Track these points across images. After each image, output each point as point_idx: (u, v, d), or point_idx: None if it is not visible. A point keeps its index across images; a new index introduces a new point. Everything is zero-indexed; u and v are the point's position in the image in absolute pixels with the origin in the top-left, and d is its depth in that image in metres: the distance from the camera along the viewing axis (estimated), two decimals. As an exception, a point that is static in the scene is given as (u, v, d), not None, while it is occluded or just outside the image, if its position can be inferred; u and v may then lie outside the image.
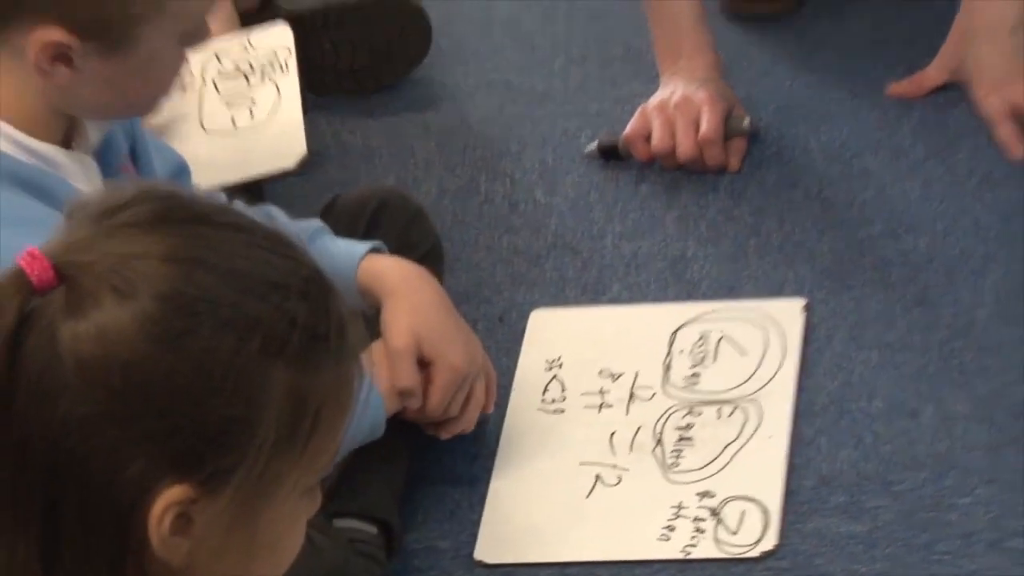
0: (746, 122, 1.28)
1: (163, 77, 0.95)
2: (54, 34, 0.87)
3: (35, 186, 0.90)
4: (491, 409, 1.07)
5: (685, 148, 1.22)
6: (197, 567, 0.62)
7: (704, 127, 1.25)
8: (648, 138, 1.25)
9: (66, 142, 0.94)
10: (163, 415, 0.59)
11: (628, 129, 1.28)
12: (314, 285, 0.63)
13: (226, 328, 0.60)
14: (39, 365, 0.58)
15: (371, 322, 1.02)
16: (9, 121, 0.92)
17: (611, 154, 1.27)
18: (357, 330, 0.65)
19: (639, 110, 1.30)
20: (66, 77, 0.90)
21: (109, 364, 0.58)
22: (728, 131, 1.24)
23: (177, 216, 0.62)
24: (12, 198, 0.89)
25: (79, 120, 0.97)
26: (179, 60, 0.96)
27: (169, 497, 0.57)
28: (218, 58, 1.36)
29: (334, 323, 0.63)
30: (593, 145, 1.32)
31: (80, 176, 0.92)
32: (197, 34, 0.95)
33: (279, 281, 0.62)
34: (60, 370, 0.58)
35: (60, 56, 0.88)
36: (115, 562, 0.60)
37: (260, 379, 0.60)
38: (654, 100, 1.30)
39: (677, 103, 1.28)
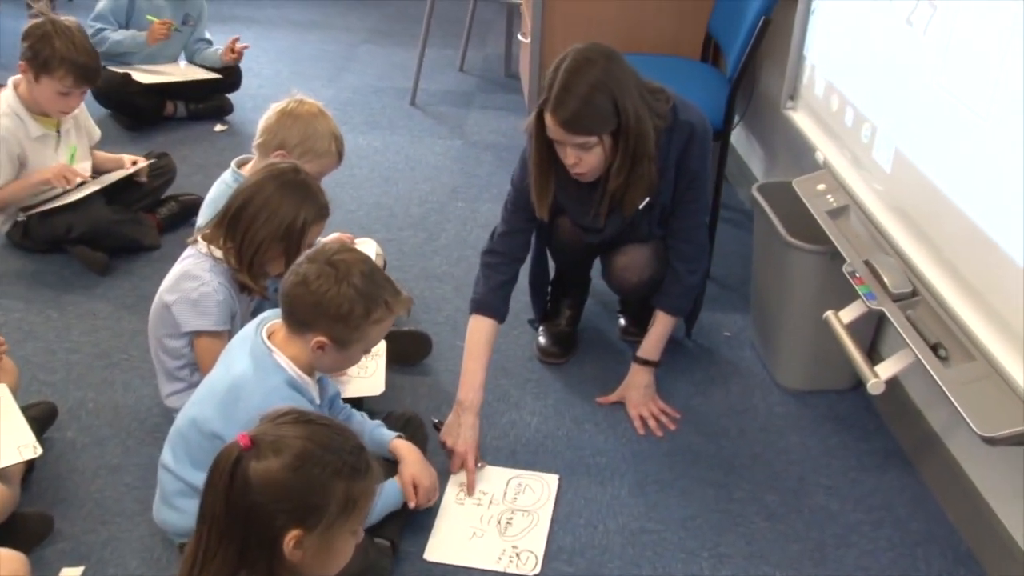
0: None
1: (354, 359, 1.95)
2: (323, 339, 1.83)
3: (296, 387, 1.86)
4: (432, 502, 2.15)
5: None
6: (304, 565, 1.40)
7: (460, 446, 2.31)
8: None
9: (311, 374, 1.93)
10: (290, 502, 1.35)
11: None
12: (357, 448, 1.42)
13: (318, 466, 1.37)
14: (241, 478, 1.35)
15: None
16: (294, 361, 1.87)
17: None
18: (378, 465, 1.48)
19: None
20: (320, 356, 1.87)
21: (268, 482, 1.35)
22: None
23: (303, 420, 1.43)
24: (288, 391, 1.84)
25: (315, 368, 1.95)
26: (360, 356, 1.95)
27: (292, 534, 1.36)
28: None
29: (366, 465, 1.42)
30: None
31: (313, 388, 1.92)
32: (372, 347, 1.96)
33: (343, 447, 1.40)
34: (248, 482, 1.34)
35: (321, 347, 1.84)
36: (269, 561, 1.37)
37: (331, 487, 1.38)
38: (451, 418, 2.36)
39: (451, 421, 2.35)
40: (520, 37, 4.04)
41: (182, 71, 4.14)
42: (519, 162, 2.45)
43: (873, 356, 2.53)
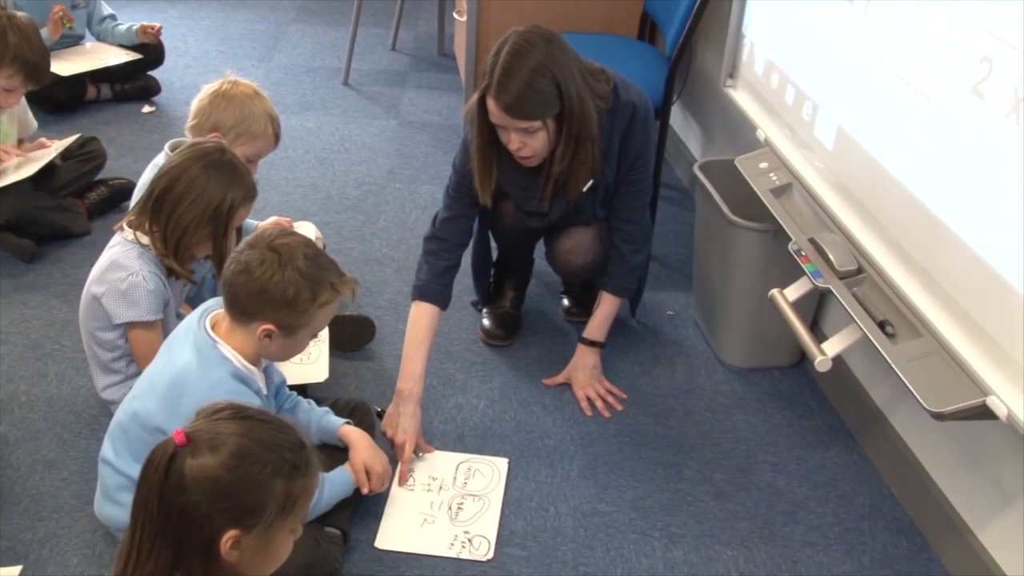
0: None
1: (301, 345, 1.88)
2: (269, 327, 1.78)
3: (242, 379, 1.82)
4: (385, 487, 2.12)
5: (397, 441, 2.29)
6: (242, 565, 1.35)
7: (399, 436, 2.27)
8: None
9: (256, 364, 1.89)
10: (227, 502, 1.29)
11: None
12: (297, 445, 1.36)
13: (257, 464, 1.31)
14: (175, 477, 1.28)
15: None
16: (239, 351, 1.82)
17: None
18: (318, 461, 1.40)
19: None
20: (267, 344, 1.84)
21: (205, 480, 1.29)
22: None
23: (241, 415, 1.36)
24: (234, 383, 1.81)
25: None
26: (307, 341, 1.88)
27: (230, 534, 1.30)
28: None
29: (306, 462, 1.36)
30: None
31: (260, 378, 1.89)
32: (318, 331, 1.90)
33: (283, 444, 1.34)
34: (184, 481, 1.29)
35: (268, 335, 1.79)
36: (205, 562, 1.31)
37: (270, 486, 1.32)
38: (391, 407, 2.31)
39: (392, 410, 2.30)
40: (455, 16, 3.99)
41: (100, 56, 3.98)
42: (460, 146, 2.41)
43: (815, 333, 2.55)
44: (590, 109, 2.21)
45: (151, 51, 4.10)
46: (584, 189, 2.35)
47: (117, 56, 3.99)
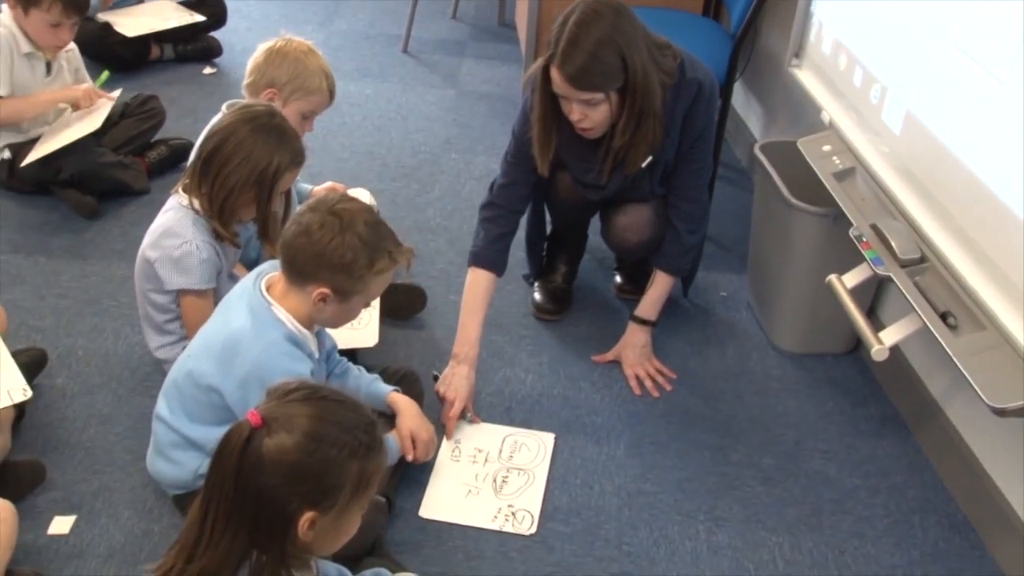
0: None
1: (354, 312, 1.90)
2: (325, 290, 1.79)
3: (296, 342, 1.83)
4: (431, 455, 2.15)
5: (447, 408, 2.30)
6: (316, 542, 1.37)
7: (450, 393, 2.30)
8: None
9: (310, 328, 1.89)
10: (305, 484, 1.29)
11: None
12: (370, 424, 1.37)
13: (335, 447, 1.31)
14: (252, 459, 1.29)
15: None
16: (293, 314, 1.83)
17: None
18: (383, 433, 1.52)
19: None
20: (321, 308, 1.82)
21: (283, 463, 1.29)
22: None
23: (315, 396, 1.36)
24: (287, 346, 1.81)
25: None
26: (360, 309, 1.90)
27: (307, 516, 1.31)
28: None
29: (377, 441, 1.38)
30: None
31: (312, 342, 1.89)
32: (372, 299, 1.93)
33: (357, 425, 1.35)
34: (261, 462, 1.29)
35: (323, 299, 1.80)
36: (282, 543, 1.33)
37: (347, 468, 1.33)
38: (447, 370, 2.33)
39: (447, 372, 2.33)
40: (518, -14, 3.95)
41: (164, 16, 4.02)
42: (520, 113, 2.40)
43: (872, 321, 2.50)
44: (654, 83, 2.18)
45: (213, 12, 4.12)
46: (643, 164, 2.33)
47: (181, 17, 4.02)
